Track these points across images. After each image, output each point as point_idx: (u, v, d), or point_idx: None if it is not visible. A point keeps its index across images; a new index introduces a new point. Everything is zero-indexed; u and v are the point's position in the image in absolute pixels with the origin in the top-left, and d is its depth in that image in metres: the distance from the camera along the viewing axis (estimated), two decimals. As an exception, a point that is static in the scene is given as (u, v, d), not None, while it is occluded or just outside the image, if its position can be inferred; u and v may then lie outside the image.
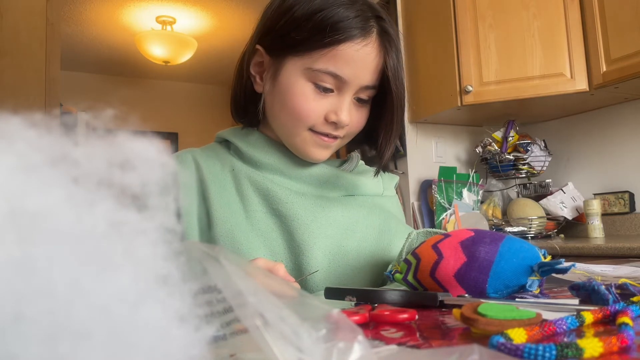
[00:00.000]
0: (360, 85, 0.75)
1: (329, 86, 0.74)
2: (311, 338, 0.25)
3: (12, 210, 0.21)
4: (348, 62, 0.72)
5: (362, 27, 0.72)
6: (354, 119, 0.77)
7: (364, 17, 0.73)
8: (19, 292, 0.20)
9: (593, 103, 2.31)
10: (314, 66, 0.73)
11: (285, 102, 0.75)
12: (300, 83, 0.74)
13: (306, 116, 0.74)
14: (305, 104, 0.74)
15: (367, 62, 0.74)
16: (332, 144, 0.78)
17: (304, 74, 0.74)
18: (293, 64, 0.74)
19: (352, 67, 0.73)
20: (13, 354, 0.20)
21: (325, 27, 0.70)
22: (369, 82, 0.75)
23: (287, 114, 0.76)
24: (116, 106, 0.25)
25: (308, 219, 0.76)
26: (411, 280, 0.60)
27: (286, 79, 0.75)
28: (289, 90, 0.75)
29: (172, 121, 5.67)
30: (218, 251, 0.28)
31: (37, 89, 2.24)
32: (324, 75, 0.73)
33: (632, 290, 0.49)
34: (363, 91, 0.77)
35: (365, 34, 0.73)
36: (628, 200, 2.25)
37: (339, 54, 0.72)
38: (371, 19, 0.74)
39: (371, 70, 0.75)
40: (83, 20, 4.27)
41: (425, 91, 2.47)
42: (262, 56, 0.79)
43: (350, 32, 0.71)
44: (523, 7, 2.16)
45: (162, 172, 0.25)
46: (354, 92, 0.76)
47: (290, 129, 0.77)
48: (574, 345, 0.28)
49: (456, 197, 2.43)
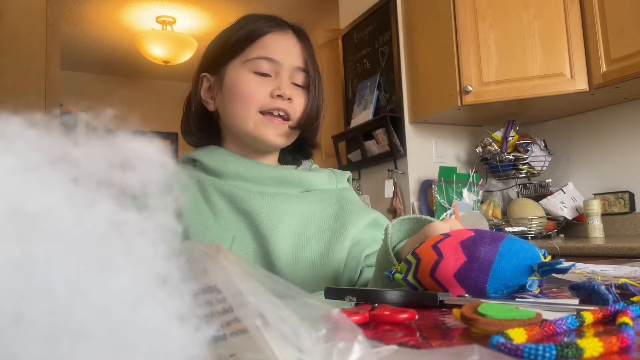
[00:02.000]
0: (292, 65, 0.88)
1: (266, 71, 0.87)
2: (311, 338, 0.25)
3: (12, 210, 0.21)
4: (275, 47, 0.88)
5: (278, 24, 0.90)
6: (295, 97, 0.88)
7: (275, 21, 0.91)
8: (19, 292, 0.20)
9: (593, 103, 2.31)
10: (249, 56, 0.87)
11: (234, 92, 0.87)
12: (242, 74, 0.87)
13: (252, 96, 0.86)
14: (250, 87, 0.86)
15: (290, 46, 0.89)
16: (282, 127, 0.88)
17: (243, 67, 0.87)
18: (233, 66, 0.88)
19: (279, 51, 0.87)
20: (13, 354, 0.20)
21: (248, 31, 0.88)
22: (298, 63, 0.89)
23: (237, 102, 0.87)
24: (116, 106, 0.25)
25: (270, 212, 0.84)
26: (411, 280, 0.60)
27: (230, 78, 0.88)
28: (234, 83, 0.87)
29: (172, 121, 5.63)
30: (218, 251, 0.28)
31: (37, 89, 2.24)
32: (259, 61, 0.87)
33: (632, 290, 0.49)
34: (297, 73, 0.89)
35: (282, 29, 0.90)
36: (628, 200, 2.25)
37: (266, 42, 0.88)
38: (281, 21, 0.91)
39: (296, 53, 0.89)
40: (83, 20, 4.27)
41: (425, 91, 2.47)
42: (209, 80, 0.93)
43: (269, 28, 0.89)
44: (523, 7, 2.16)
45: (162, 172, 0.25)
46: (289, 73, 0.88)
47: (242, 115, 0.87)
48: (574, 345, 0.28)
49: (456, 197, 2.43)
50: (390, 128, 2.58)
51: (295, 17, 0.95)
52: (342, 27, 3.20)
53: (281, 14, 0.95)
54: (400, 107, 2.60)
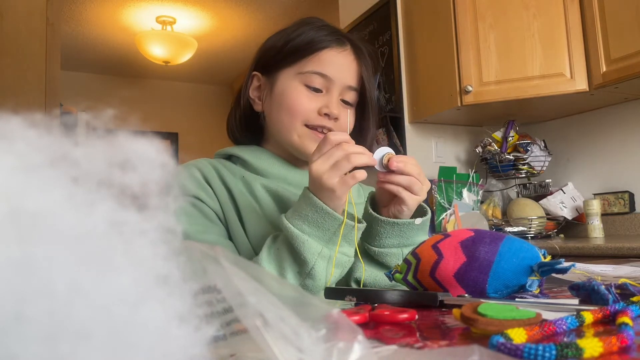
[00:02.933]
0: (344, 84, 0.88)
1: (318, 86, 0.87)
2: (311, 338, 0.25)
3: (12, 210, 0.21)
4: (330, 63, 0.87)
5: (337, 40, 0.89)
6: (343, 116, 0.88)
7: (336, 34, 0.90)
8: (19, 292, 0.20)
9: (593, 103, 2.31)
10: (304, 69, 0.87)
11: (282, 103, 0.87)
12: (294, 85, 0.87)
13: (300, 110, 0.86)
14: (299, 100, 0.86)
15: (346, 64, 0.89)
16: None
17: (295, 78, 0.87)
18: (286, 74, 0.88)
19: (334, 68, 0.87)
20: (13, 354, 0.20)
21: (308, 41, 0.87)
22: (351, 82, 0.89)
23: (284, 113, 0.87)
24: (116, 106, 0.25)
25: None
26: (411, 280, 0.60)
27: (281, 86, 0.88)
28: (285, 92, 0.87)
29: (172, 121, 5.67)
30: (218, 251, 0.28)
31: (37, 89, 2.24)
32: (312, 76, 0.86)
33: (632, 290, 0.49)
34: (347, 92, 0.89)
35: (340, 44, 0.89)
36: (628, 200, 2.25)
37: (322, 57, 0.87)
38: (341, 36, 0.90)
39: (351, 72, 0.89)
40: (83, 20, 4.27)
41: (425, 91, 2.47)
42: (259, 79, 0.93)
43: (328, 43, 0.87)
44: (523, 7, 2.16)
45: (162, 172, 0.25)
46: (340, 91, 0.88)
47: (288, 126, 0.87)
48: (574, 345, 0.28)
49: (456, 197, 2.43)
50: (390, 128, 2.58)
51: (295, 17, 0.95)
52: (342, 27, 3.20)
53: (281, 14, 0.96)
54: (400, 107, 2.60)
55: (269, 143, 0.94)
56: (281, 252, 0.72)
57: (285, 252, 0.72)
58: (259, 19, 4.26)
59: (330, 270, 0.73)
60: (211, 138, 4.90)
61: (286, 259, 0.72)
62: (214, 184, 0.84)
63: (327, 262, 0.72)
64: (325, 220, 0.71)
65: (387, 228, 0.78)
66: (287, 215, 0.73)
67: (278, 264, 0.72)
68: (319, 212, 0.70)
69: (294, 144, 0.87)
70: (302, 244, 0.70)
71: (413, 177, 0.74)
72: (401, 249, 0.80)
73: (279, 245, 0.73)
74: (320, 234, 0.71)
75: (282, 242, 0.73)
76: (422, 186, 0.76)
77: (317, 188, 0.70)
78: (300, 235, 0.70)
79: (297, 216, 0.72)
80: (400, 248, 0.80)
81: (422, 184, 0.76)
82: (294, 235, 0.70)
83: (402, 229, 0.78)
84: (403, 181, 0.74)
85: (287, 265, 0.72)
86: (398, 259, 0.79)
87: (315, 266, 0.71)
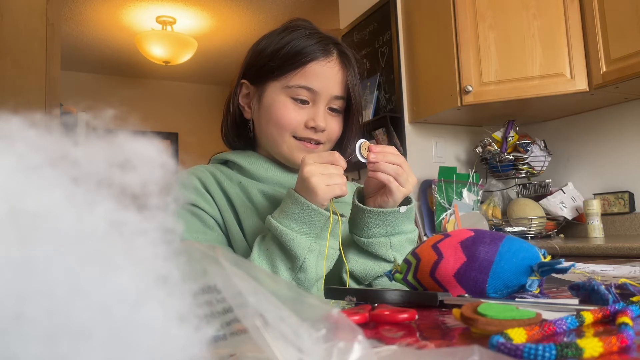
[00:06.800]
0: (330, 95, 0.89)
1: (305, 98, 0.88)
2: (311, 338, 0.25)
3: (12, 210, 0.21)
4: (316, 76, 0.88)
5: (324, 50, 0.89)
6: (330, 125, 0.90)
7: (324, 43, 0.90)
8: (19, 292, 0.20)
9: (593, 103, 2.31)
10: (290, 83, 0.88)
11: (270, 116, 0.89)
12: (281, 99, 0.89)
13: (288, 123, 0.88)
14: (287, 113, 0.88)
15: (331, 75, 0.89)
16: (315, 150, 0.90)
17: (282, 91, 0.89)
18: (273, 87, 0.89)
19: (320, 80, 0.88)
20: (13, 353, 0.20)
21: (294, 54, 0.87)
22: (337, 92, 0.90)
23: (272, 126, 0.89)
24: (116, 106, 0.25)
25: None
26: (411, 280, 0.60)
27: (269, 98, 0.90)
28: (272, 106, 0.89)
29: (172, 121, 5.67)
30: (218, 251, 0.28)
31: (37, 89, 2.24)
32: (299, 90, 0.88)
33: (632, 290, 0.49)
34: (333, 101, 0.91)
35: (327, 54, 0.89)
36: (628, 200, 2.25)
37: (309, 71, 0.88)
38: (330, 44, 0.91)
39: (337, 82, 0.90)
40: (83, 20, 4.27)
41: (425, 91, 2.47)
42: (248, 87, 0.94)
43: (314, 54, 0.88)
44: (523, 7, 2.16)
45: (162, 172, 0.25)
46: (326, 102, 0.90)
47: (276, 138, 0.89)
48: (574, 345, 0.28)
49: (456, 197, 2.43)
50: (390, 128, 2.58)
51: (295, 17, 0.95)
52: (342, 27, 3.20)
53: (281, 14, 0.96)
54: (400, 107, 2.60)
55: (261, 148, 0.97)
56: (271, 250, 0.76)
57: (276, 249, 0.76)
58: (259, 19, 4.27)
59: (320, 264, 0.77)
60: (211, 138, 4.89)
61: (277, 255, 0.76)
62: (212, 190, 0.87)
63: (316, 256, 0.76)
64: (311, 217, 0.75)
65: (373, 218, 0.81)
66: (274, 215, 0.77)
67: (270, 261, 0.76)
68: (305, 210, 0.75)
69: (283, 154, 0.90)
70: (291, 240, 0.74)
71: (399, 167, 0.80)
72: (388, 237, 0.83)
73: (268, 243, 0.77)
74: (308, 230, 0.76)
75: (271, 240, 0.76)
76: (408, 178, 0.81)
77: (304, 188, 0.75)
78: (289, 233, 0.74)
79: (284, 215, 0.76)
80: (388, 237, 0.83)
81: (408, 176, 0.81)
82: (283, 233, 0.74)
83: (387, 218, 0.82)
84: (391, 170, 0.79)
85: (279, 262, 0.75)
86: (386, 247, 0.83)
87: (306, 260, 0.75)
